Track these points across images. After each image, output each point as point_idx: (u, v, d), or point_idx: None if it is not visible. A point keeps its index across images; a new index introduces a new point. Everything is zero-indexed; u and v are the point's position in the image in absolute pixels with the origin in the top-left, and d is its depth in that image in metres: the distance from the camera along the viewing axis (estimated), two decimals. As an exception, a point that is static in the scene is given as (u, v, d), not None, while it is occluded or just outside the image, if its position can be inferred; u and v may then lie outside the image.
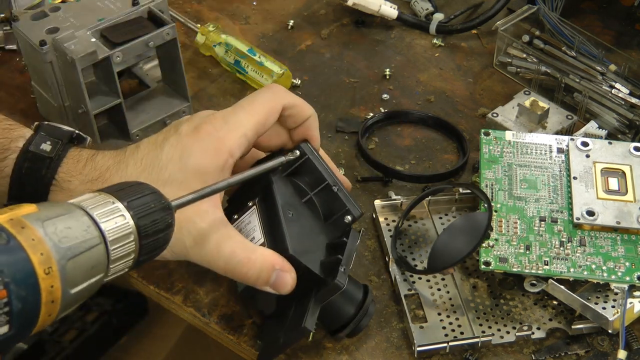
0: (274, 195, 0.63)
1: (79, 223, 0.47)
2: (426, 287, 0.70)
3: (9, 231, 0.44)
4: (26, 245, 0.44)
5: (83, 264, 0.46)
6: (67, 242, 0.46)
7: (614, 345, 0.67)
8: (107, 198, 0.49)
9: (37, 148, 0.61)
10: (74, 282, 0.46)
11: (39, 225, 0.45)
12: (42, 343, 1.22)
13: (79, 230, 0.47)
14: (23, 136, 0.62)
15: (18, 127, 0.63)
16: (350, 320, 0.64)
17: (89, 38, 0.75)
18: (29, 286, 0.44)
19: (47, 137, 0.62)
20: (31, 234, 0.45)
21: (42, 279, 0.44)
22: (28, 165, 0.61)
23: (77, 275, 0.46)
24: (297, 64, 0.91)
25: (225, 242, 0.60)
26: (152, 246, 0.50)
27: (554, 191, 0.72)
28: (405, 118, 0.86)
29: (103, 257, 0.48)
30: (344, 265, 0.61)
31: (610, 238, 0.69)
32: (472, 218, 0.69)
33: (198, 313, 0.69)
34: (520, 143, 0.76)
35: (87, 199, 0.49)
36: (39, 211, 0.46)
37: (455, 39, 0.95)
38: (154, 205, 0.50)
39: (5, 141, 0.62)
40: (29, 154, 0.61)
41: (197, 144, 0.61)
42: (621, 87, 0.83)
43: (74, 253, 0.46)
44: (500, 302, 0.69)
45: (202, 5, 0.98)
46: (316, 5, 0.99)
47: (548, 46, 0.88)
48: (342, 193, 0.64)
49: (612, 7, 0.99)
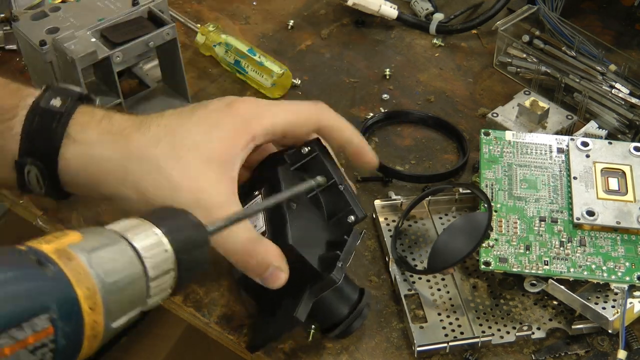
0: (280, 186, 0.63)
1: (123, 255, 0.46)
2: (426, 287, 0.70)
3: (56, 264, 0.43)
4: (74, 280, 0.43)
5: (125, 298, 0.46)
6: (112, 276, 0.45)
7: (614, 345, 0.67)
8: (147, 226, 0.48)
9: (47, 104, 0.61)
10: (116, 316, 0.45)
11: (84, 256, 0.44)
12: (42, 343, 1.22)
13: (123, 263, 0.46)
14: (32, 95, 0.62)
15: (26, 87, 0.63)
16: (342, 320, 0.64)
17: (89, 38, 0.75)
18: (75, 322, 0.43)
19: (56, 94, 0.61)
20: (78, 266, 0.44)
21: (87, 314, 0.43)
22: (38, 120, 0.60)
23: (119, 309, 0.46)
24: (297, 64, 0.91)
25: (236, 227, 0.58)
26: (188, 278, 0.50)
27: (554, 191, 0.72)
28: (405, 118, 0.86)
29: (144, 290, 0.47)
30: (341, 262, 0.61)
31: (610, 238, 0.69)
32: (472, 218, 0.69)
33: (198, 313, 0.69)
34: (520, 143, 0.76)
35: (128, 227, 0.48)
36: (84, 240, 0.45)
37: (455, 39, 0.95)
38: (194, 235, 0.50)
39: (14, 100, 0.61)
40: (39, 110, 0.61)
41: (226, 118, 0.61)
42: (621, 87, 0.83)
43: (118, 287, 0.45)
44: (500, 302, 0.69)
45: (202, 5, 0.98)
46: (316, 5, 0.99)
47: (548, 46, 0.88)
48: (348, 193, 0.64)
49: (612, 7, 0.99)
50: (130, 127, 0.61)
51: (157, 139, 0.60)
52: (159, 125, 0.61)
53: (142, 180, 0.59)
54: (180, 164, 0.59)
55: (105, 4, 0.77)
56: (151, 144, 0.60)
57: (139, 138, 0.60)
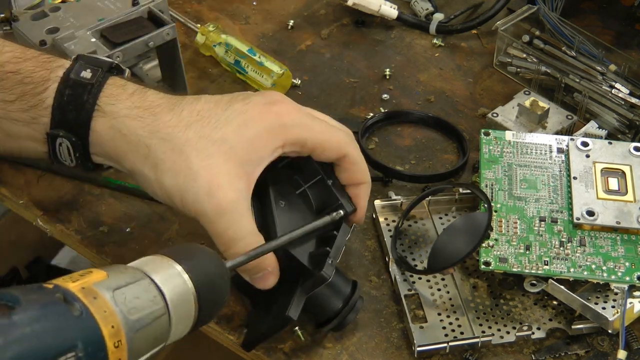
0: (268, 184, 0.63)
1: (147, 293, 0.47)
2: (426, 287, 0.70)
3: (82, 302, 0.44)
4: (99, 318, 0.44)
5: (149, 335, 0.46)
6: (136, 314, 0.45)
7: (614, 345, 0.67)
8: (169, 263, 0.49)
9: (78, 75, 0.60)
10: (139, 353, 0.46)
11: (109, 294, 0.45)
12: (42, 343, 1.22)
13: (146, 301, 0.46)
14: (62, 66, 0.61)
15: (56, 58, 0.62)
16: (337, 314, 0.64)
17: (89, 38, 0.75)
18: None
19: (86, 65, 0.61)
20: (103, 304, 0.44)
21: (111, 353, 0.44)
22: (69, 92, 0.60)
23: (142, 346, 0.46)
24: (297, 64, 0.91)
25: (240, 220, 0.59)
26: (209, 314, 0.51)
27: (554, 191, 0.72)
28: (405, 118, 0.86)
29: (166, 327, 0.48)
30: (331, 258, 0.61)
31: (610, 238, 0.69)
32: (472, 218, 0.68)
33: (198, 313, 0.69)
34: (520, 143, 0.76)
35: (150, 264, 0.48)
36: (108, 278, 0.46)
37: (455, 39, 0.95)
38: (213, 271, 0.51)
39: (45, 73, 0.61)
40: (70, 81, 0.60)
41: (263, 118, 0.60)
42: (621, 87, 0.83)
43: (142, 325, 0.46)
44: (500, 302, 0.69)
45: (202, 5, 0.98)
46: (316, 5, 0.99)
47: (548, 46, 0.88)
48: (336, 188, 0.64)
49: (612, 7, 0.99)
50: (162, 106, 0.60)
51: (186, 124, 0.59)
52: (192, 110, 0.60)
53: (163, 161, 0.59)
54: (203, 153, 0.58)
55: (105, 4, 0.77)
56: (179, 128, 0.59)
57: (169, 119, 0.59)
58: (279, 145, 0.60)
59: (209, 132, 0.59)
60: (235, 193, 0.58)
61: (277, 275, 0.61)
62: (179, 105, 0.61)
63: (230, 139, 0.59)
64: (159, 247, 0.73)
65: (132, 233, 0.74)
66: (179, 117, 0.60)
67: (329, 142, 0.63)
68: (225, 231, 0.59)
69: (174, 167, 0.58)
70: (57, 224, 0.74)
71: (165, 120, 0.59)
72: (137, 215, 0.75)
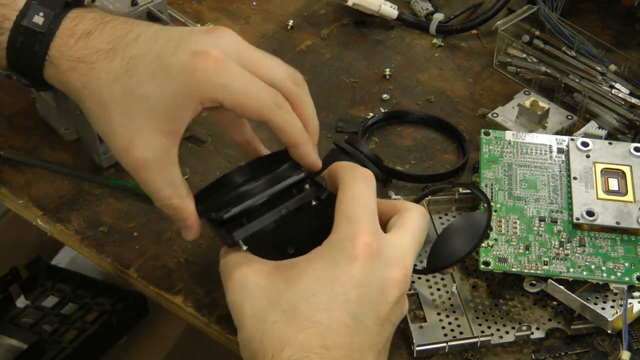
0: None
1: None
2: (425, 286, 0.70)
3: None
4: None
5: None
6: None
7: (614, 345, 0.67)
8: None
9: (30, 22, 0.62)
10: None
11: None
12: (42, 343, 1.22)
13: None
14: (17, 9, 0.63)
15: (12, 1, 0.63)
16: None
17: (89, 38, 0.74)
18: None
19: (40, 7, 0.62)
20: None
21: None
22: (22, 40, 0.62)
23: None
24: (297, 64, 0.90)
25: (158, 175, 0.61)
26: None
27: (554, 191, 0.72)
28: (405, 118, 0.86)
29: None
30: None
31: (609, 238, 0.69)
32: (472, 218, 0.68)
33: (198, 313, 0.69)
34: (521, 143, 0.76)
35: None
36: None
37: (455, 39, 0.95)
38: None
39: (5, 10, 0.62)
40: (22, 29, 0.62)
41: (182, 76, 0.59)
42: (621, 87, 0.83)
43: None
44: (500, 302, 0.69)
45: (202, 5, 0.98)
46: (316, 5, 0.99)
47: (548, 46, 0.88)
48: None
49: (612, 7, 0.99)
50: (100, 52, 0.61)
51: (114, 78, 0.60)
52: (124, 58, 0.61)
53: (91, 112, 0.62)
54: (126, 111, 0.60)
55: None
56: (106, 83, 0.60)
57: (100, 70, 0.61)
58: (196, 104, 0.60)
59: (133, 87, 0.60)
60: (153, 151, 0.60)
61: (193, 235, 0.63)
62: (116, 52, 0.61)
63: (151, 96, 0.60)
64: (159, 247, 0.73)
65: (132, 233, 0.74)
66: (109, 67, 0.61)
67: (249, 106, 0.61)
68: (144, 184, 0.62)
69: (99, 121, 0.62)
70: (57, 224, 0.74)
71: (98, 71, 0.61)
72: (137, 215, 0.75)
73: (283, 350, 0.55)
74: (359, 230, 0.58)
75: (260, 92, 0.61)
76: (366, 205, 0.60)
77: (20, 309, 1.30)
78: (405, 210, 0.63)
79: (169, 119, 0.60)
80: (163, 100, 0.60)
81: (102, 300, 1.30)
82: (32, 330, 1.26)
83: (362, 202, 0.60)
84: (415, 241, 0.61)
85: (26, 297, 1.32)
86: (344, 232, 0.58)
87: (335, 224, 0.59)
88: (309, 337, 0.55)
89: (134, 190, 0.76)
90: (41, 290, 1.33)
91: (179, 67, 0.59)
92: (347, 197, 0.60)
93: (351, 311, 0.56)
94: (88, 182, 0.77)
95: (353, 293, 0.56)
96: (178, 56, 0.60)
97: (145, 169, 0.61)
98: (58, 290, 1.33)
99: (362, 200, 0.60)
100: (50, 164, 0.78)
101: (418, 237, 0.61)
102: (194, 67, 0.59)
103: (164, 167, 0.61)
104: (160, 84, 0.60)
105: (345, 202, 0.60)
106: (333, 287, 0.56)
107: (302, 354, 0.55)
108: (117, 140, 0.61)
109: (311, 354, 0.55)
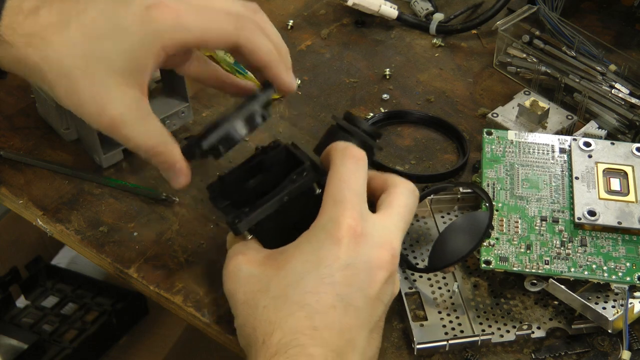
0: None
1: None
2: (427, 285, 0.70)
3: None
4: None
5: None
6: None
7: (614, 345, 0.67)
8: None
9: None
10: None
11: None
12: (42, 343, 1.22)
13: None
14: None
15: None
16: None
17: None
18: None
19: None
20: None
21: None
22: None
23: None
24: (297, 64, 0.91)
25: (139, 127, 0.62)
26: None
27: (556, 191, 0.72)
28: (405, 118, 0.86)
29: None
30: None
31: (611, 238, 0.69)
32: (474, 217, 0.69)
33: (198, 313, 0.69)
34: (523, 143, 0.76)
35: None
36: None
37: (455, 39, 0.95)
38: None
39: None
40: None
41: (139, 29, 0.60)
42: (621, 87, 0.83)
43: None
44: (501, 301, 0.69)
45: (202, 5, 0.98)
46: (316, 5, 0.99)
47: (548, 46, 0.88)
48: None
49: (612, 7, 0.99)
50: (52, 26, 0.61)
51: (72, 45, 0.60)
52: (78, 26, 0.61)
53: (56, 85, 0.61)
54: (88, 74, 0.60)
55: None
56: (65, 53, 0.60)
57: (56, 42, 0.60)
58: (158, 52, 0.61)
59: (92, 50, 0.60)
60: (125, 105, 0.61)
61: (183, 181, 0.63)
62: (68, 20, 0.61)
63: (112, 54, 0.60)
64: (159, 247, 0.73)
65: (132, 233, 0.74)
66: (65, 38, 0.60)
67: (211, 36, 0.62)
68: (126, 141, 0.62)
69: (66, 94, 0.61)
70: (57, 224, 0.74)
71: (54, 43, 0.60)
72: (137, 215, 0.75)
73: (273, 333, 0.56)
74: (344, 213, 0.58)
75: (218, 19, 0.62)
76: (353, 188, 0.60)
77: (20, 309, 1.31)
78: (394, 187, 0.63)
79: (132, 72, 0.61)
80: (124, 55, 0.60)
81: (102, 300, 1.30)
82: (32, 330, 1.26)
83: (349, 184, 0.60)
84: (402, 220, 0.62)
85: (26, 297, 1.32)
86: (329, 215, 0.59)
87: (322, 207, 0.60)
88: (297, 320, 0.56)
89: (134, 190, 0.76)
90: (41, 290, 1.33)
91: (135, 22, 0.60)
92: (335, 180, 0.60)
93: (339, 292, 0.57)
94: (88, 182, 0.77)
95: (339, 275, 0.57)
96: (132, 11, 0.60)
97: (123, 124, 0.61)
98: (58, 290, 1.33)
99: (349, 182, 0.60)
100: (50, 164, 0.78)
101: (405, 215, 0.62)
102: (150, 19, 0.60)
103: (140, 117, 0.62)
104: (119, 42, 0.60)
105: (332, 185, 0.60)
106: (319, 270, 0.57)
107: (291, 337, 0.56)
108: (88, 105, 0.61)
109: (300, 336, 0.56)
